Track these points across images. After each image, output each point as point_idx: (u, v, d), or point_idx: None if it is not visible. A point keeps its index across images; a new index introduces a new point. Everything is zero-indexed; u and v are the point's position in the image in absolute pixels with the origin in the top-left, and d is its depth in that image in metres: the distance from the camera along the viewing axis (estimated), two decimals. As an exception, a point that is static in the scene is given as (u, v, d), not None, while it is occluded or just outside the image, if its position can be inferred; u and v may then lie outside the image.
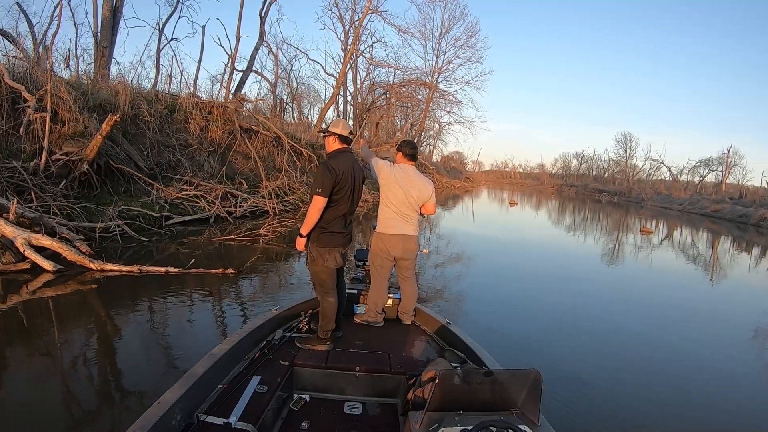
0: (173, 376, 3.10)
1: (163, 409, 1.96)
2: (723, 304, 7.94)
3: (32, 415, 2.88)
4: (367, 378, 2.81)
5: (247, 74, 22.21)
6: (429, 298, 6.34)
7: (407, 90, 29.10)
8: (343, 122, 3.14)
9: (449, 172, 48.48)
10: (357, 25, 24.33)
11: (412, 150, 3.57)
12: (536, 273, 8.92)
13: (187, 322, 4.79)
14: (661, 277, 9.84)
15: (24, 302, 4.81)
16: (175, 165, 11.19)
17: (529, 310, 6.26)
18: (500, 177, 75.77)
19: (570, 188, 56.03)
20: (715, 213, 30.08)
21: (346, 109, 34.22)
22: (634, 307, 6.90)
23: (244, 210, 10.98)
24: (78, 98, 9.37)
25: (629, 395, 3.87)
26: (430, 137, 48.60)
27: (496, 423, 1.76)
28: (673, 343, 5.34)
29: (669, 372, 4.45)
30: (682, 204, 34.79)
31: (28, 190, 7.32)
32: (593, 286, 8.32)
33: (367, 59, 28.27)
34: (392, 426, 2.53)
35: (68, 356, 3.85)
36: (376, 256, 3.57)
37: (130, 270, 5.83)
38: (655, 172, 49.50)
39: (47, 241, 5.86)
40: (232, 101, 14.15)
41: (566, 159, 68.32)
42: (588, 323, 5.92)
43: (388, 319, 3.67)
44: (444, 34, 37.36)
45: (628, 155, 52.11)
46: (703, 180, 43.78)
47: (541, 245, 13.29)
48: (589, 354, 4.78)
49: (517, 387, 1.98)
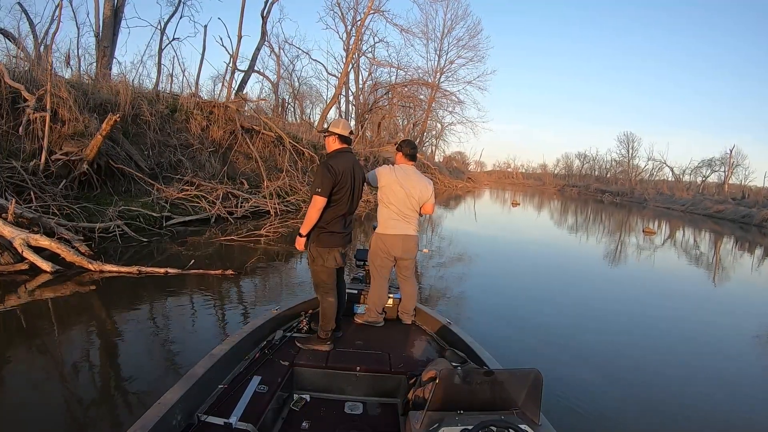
0: (172, 377, 3.10)
1: (163, 410, 1.96)
2: (726, 305, 7.84)
3: (31, 416, 2.88)
4: (367, 378, 2.80)
5: (249, 74, 22.16)
6: (432, 298, 6.30)
7: (409, 90, 29.05)
8: (343, 122, 3.13)
9: (451, 172, 48.37)
10: (359, 25, 24.28)
11: (411, 150, 3.57)
12: (538, 273, 8.86)
13: (185, 323, 4.74)
14: (664, 278, 9.76)
15: (22, 303, 4.76)
16: (175, 165, 11.15)
17: (531, 310, 6.22)
18: (502, 177, 75.57)
19: (572, 188, 55.74)
20: (718, 213, 29.86)
21: (348, 109, 34.23)
22: (636, 308, 6.83)
23: (245, 210, 10.93)
24: (78, 98, 9.35)
25: (630, 395, 3.86)
26: (432, 137, 48.60)
27: (497, 423, 1.77)
28: (675, 344, 5.32)
29: (670, 373, 4.44)
30: (685, 204, 34.56)
31: (28, 190, 7.29)
32: (595, 287, 8.26)
33: (370, 59, 28.23)
34: (393, 426, 2.52)
35: (67, 357, 3.81)
36: (376, 256, 3.56)
37: (129, 271, 5.78)
38: (657, 173, 49.22)
39: (45, 242, 5.82)
40: (233, 101, 14.11)
41: (568, 159, 68.04)
42: (590, 323, 5.89)
43: (388, 319, 3.66)
44: (446, 34, 37.35)
45: (631, 155, 51.82)
46: (705, 180, 43.52)
47: (543, 246, 13.21)
48: (589, 354, 4.77)
49: (518, 387, 1.99)
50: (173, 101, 12.52)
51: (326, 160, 3.00)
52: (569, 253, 12.46)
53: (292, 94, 31.22)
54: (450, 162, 56.34)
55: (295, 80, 31.28)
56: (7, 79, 8.25)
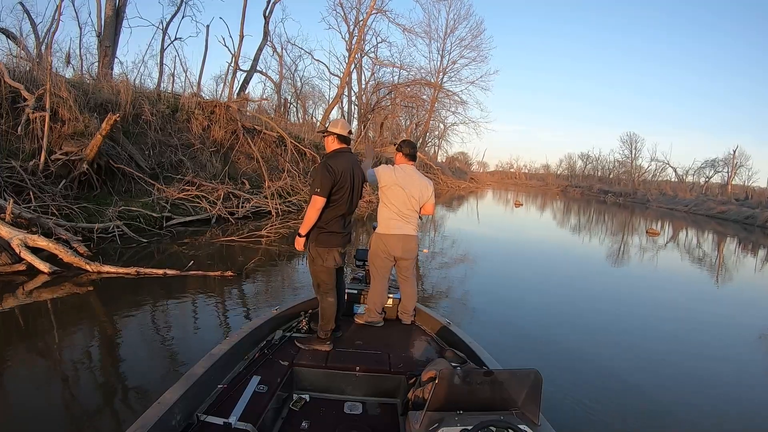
0: (167, 380, 3.05)
1: (163, 409, 1.96)
2: (730, 307, 7.75)
3: (29, 417, 2.85)
4: (367, 378, 2.80)
5: (251, 74, 22.14)
6: (434, 298, 6.27)
7: (412, 90, 28.95)
8: (342, 122, 3.12)
9: (454, 172, 48.24)
10: (361, 25, 24.21)
11: (411, 150, 3.57)
12: (539, 274, 8.78)
13: (182, 325, 4.69)
14: (667, 279, 9.67)
15: (19, 304, 4.71)
16: (176, 165, 11.10)
17: (533, 310, 6.20)
18: (505, 178, 75.44)
19: (575, 189, 55.61)
20: (721, 214, 29.67)
21: (351, 110, 34.17)
22: (638, 309, 6.77)
23: (246, 211, 10.87)
24: (79, 97, 9.31)
25: (630, 396, 3.85)
26: (435, 138, 48.49)
27: (496, 423, 1.77)
28: (677, 346, 5.29)
29: (670, 373, 4.43)
30: (688, 205, 34.39)
31: (27, 190, 7.25)
32: (597, 287, 8.18)
33: (372, 59, 28.17)
34: (392, 426, 2.52)
35: (64, 358, 3.77)
36: (376, 256, 3.56)
37: (127, 272, 5.73)
38: (660, 173, 49.06)
39: (43, 242, 5.76)
40: (235, 101, 14.06)
41: (571, 160, 67.95)
42: (591, 323, 5.87)
43: (388, 319, 3.67)
44: (449, 34, 37.35)
45: (634, 156, 51.63)
46: (708, 181, 43.36)
47: (545, 246, 13.13)
48: (590, 354, 4.75)
49: (517, 387, 1.99)
50: (174, 101, 12.47)
51: (325, 160, 2.98)
52: (572, 254, 12.35)
53: (294, 94, 31.18)
54: (453, 162, 56.24)
55: (298, 80, 31.26)
56: (7, 78, 8.21)
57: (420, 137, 41.17)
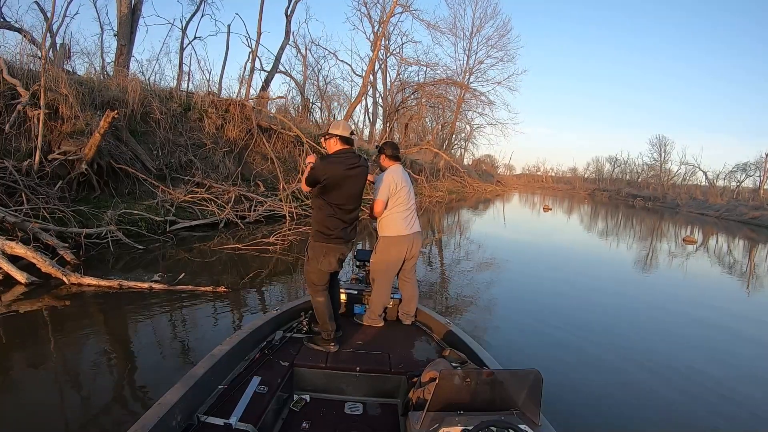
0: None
1: (163, 410, 1.93)
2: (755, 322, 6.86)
3: (28, 419, 2.80)
4: (367, 378, 2.80)
5: (272, 74, 21.61)
6: (461, 304, 5.91)
7: (438, 89, 28.10)
8: (343, 123, 3.07)
9: (480, 175, 46.95)
10: (384, 20, 23.54)
11: (394, 150, 3.59)
12: (556, 279, 8.18)
13: (157, 346, 4.05)
14: (694, 287, 9.04)
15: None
16: (186, 165, 10.56)
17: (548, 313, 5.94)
18: (532, 181, 73.78)
19: (602, 193, 53.65)
20: (754, 220, 27.74)
21: (376, 111, 33.52)
22: (662, 319, 6.31)
23: (258, 214, 10.20)
24: (84, 95, 8.85)
25: (630, 395, 3.84)
26: (461, 140, 47.33)
27: (497, 423, 1.76)
28: (683, 350, 5.16)
29: (671, 374, 4.35)
30: (719, 210, 32.42)
31: (19, 192, 6.75)
32: (623, 297, 7.51)
33: (397, 57, 27.45)
34: (393, 426, 2.53)
35: (35, 375, 3.30)
36: (387, 261, 3.49)
37: (110, 285, 5.11)
38: (690, 177, 46.66)
39: (21, 250, 5.22)
40: (250, 99, 13.50)
41: (599, 163, 65.57)
42: (595, 324, 5.78)
43: (388, 320, 3.66)
44: (475, 33, 36.24)
45: (663, 159, 49.31)
46: (740, 185, 40.90)
47: (577, 252, 12.17)
48: (591, 354, 4.69)
49: (518, 387, 1.98)
50: (187, 99, 11.98)
51: (321, 156, 2.96)
52: (605, 262, 11.39)
53: (318, 95, 30.69)
54: (479, 165, 54.90)
55: (321, 81, 30.75)
56: (5, 74, 7.79)
57: (446, 139, 40.20)
